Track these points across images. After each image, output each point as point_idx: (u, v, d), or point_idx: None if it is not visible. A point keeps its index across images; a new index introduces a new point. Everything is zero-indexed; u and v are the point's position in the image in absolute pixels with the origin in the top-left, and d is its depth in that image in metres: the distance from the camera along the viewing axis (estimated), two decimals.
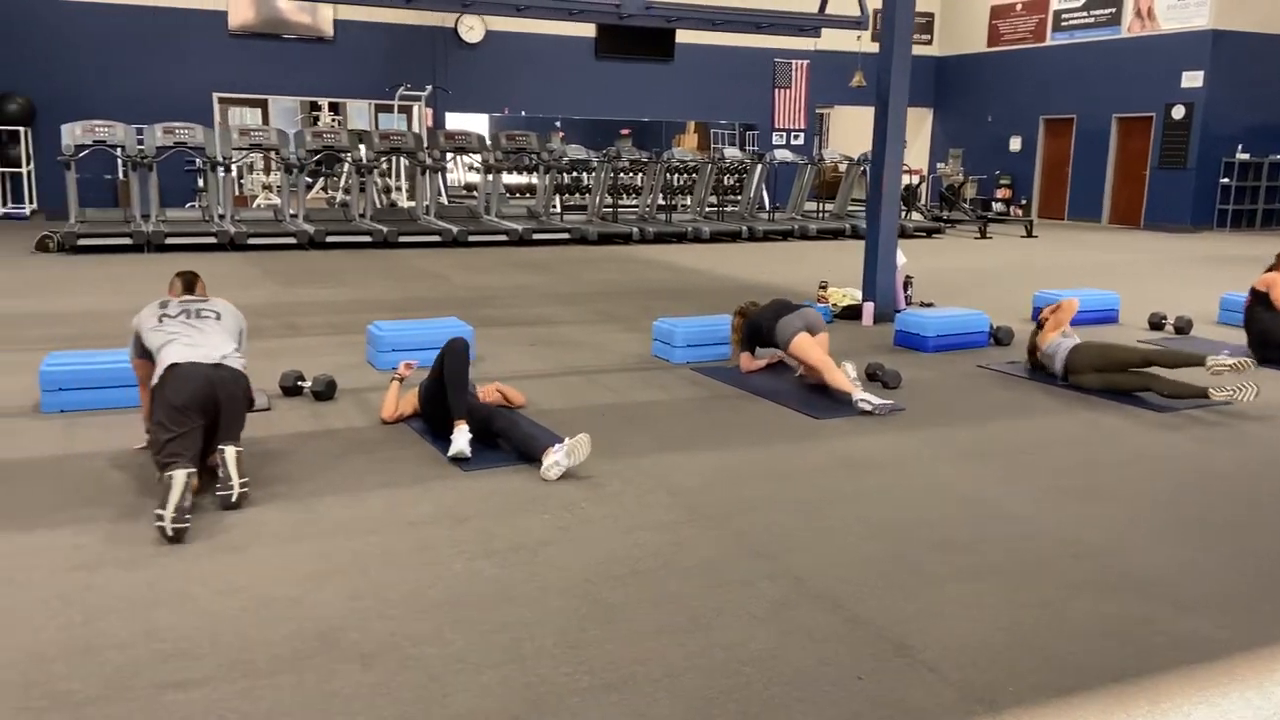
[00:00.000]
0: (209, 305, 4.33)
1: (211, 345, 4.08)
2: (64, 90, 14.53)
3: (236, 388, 4.06)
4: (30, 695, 2.54)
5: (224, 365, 4.04)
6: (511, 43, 17.35)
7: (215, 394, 3.94)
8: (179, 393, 3.87)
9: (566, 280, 10.44)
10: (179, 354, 3.98)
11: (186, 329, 4.13)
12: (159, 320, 4.17)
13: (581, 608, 3.12)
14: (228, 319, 4.31)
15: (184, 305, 4.27)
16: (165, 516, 3.49)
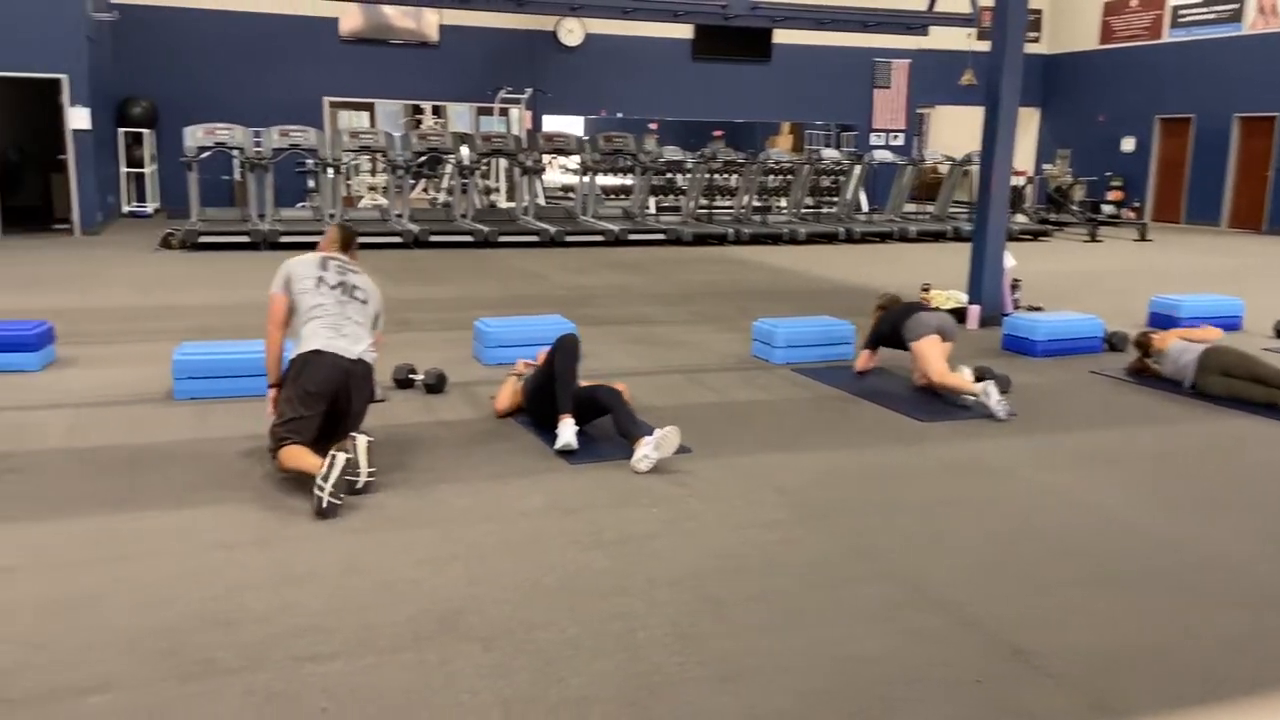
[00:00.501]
0: (360, 282, 4.42)
1: (354, 336, 4.26)
2: (186, 94, 15.20)
3: (365, 383, 4.29)
4: (178, 662, 2.70)
5: (361, 361, 4.25)
6: (610, 45, 17.51)
7: (348, 387, 4.18)
8: (314, 380, 4.10)
9: (663, 280, 10.50)
10: (323, 339, 4.18)
11: (337, 308, 4.26)
12: (316, 282, 4.29)
13: (691, 601, 3.16)
14: (372, 303, 4.45)
15: (341, 274, 4.37)
16: (324, 490, 3.68)
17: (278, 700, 2.53)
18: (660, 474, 4.33)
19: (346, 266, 4.47)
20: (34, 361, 5.85)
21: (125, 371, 5.89)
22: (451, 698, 2.56)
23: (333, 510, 3.69)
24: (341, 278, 4.38)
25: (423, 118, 17.78)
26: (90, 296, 8.58)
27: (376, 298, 4.51)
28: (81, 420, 4.97)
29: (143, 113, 15.11)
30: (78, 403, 5.27)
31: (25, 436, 4.67)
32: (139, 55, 15.17)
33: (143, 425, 4.90)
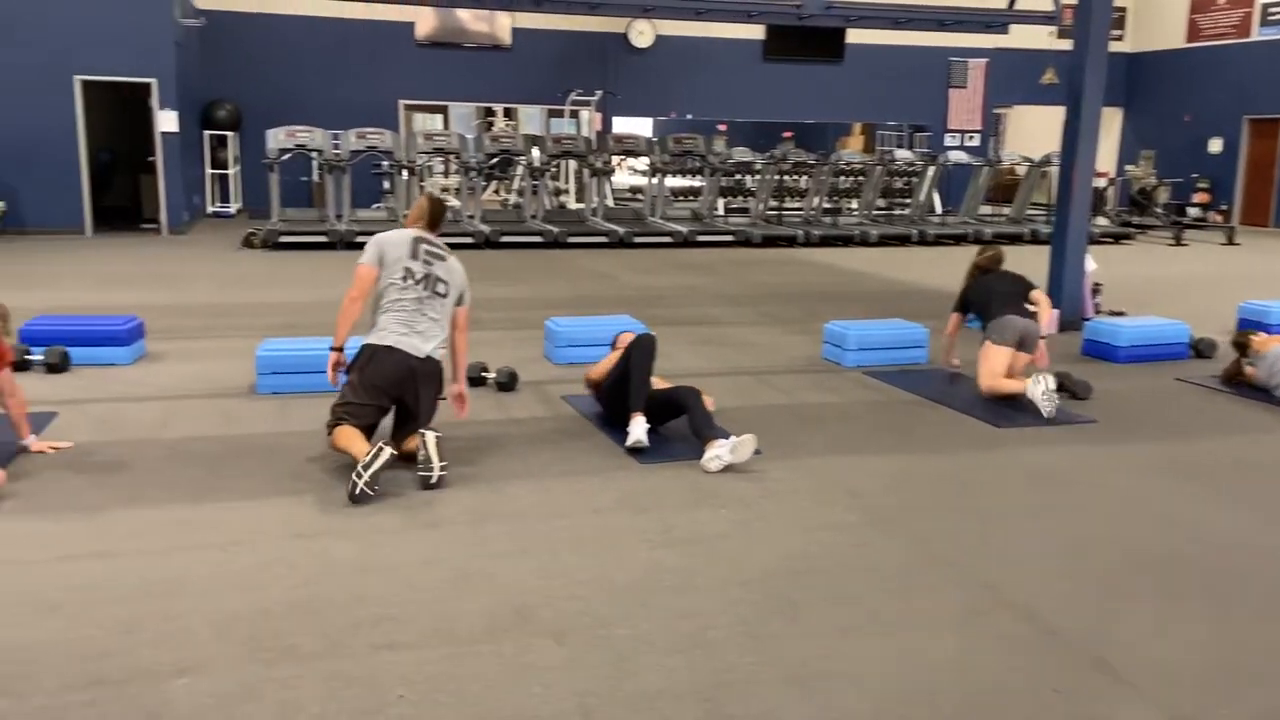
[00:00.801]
0: (443, 271, 4.41)
1: (426, 334, 4.32)
2: (268, 97, 15.61)
3: (433, 380, 4.36)
4: (261, 647, 2.77)
5: (429, 359, 4.32)
6: (680, 47, 17.52)
7: (415, 385, 4.29)
8: (380, 374, 4.22)
9: (731, 282, 10.46)
10: (395, 335, 4.26)
11: (415, 305, 4.30)
12: (404, 275, 4.30)
13: (763, 601, 3.14)
14: (453, 289, 4.44)
15: (428, 263, 4.37)
16: (361, 477, 3.81)
17: (356, 686, 2.58)
18: (731, 475, 4.31)
19: (434, 251, 4.44)
20: (125, 355, 6.06)
21: (210, 366, 6.07)
22: (526, 689, 2.59)
23: (364, 498, 3.81)
24: (428, 269, 4.37)
25: (494, 120, 18.00)
26: (177, 293, 8.87)
27: (459, 279, 4.50)
28: (169, 412, 5.13)
29: (227, 116, 15.56)
30: (166, 395, 5.45)
31: (117, 427, 4.84)
32: (224, 60, 15.63)
33: (227, 418, 5.04)
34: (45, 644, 2.74)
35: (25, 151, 12.53)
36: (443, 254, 4.50)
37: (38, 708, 2.45)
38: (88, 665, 2.64)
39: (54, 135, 12.70)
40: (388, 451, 3.90)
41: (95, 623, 2.87)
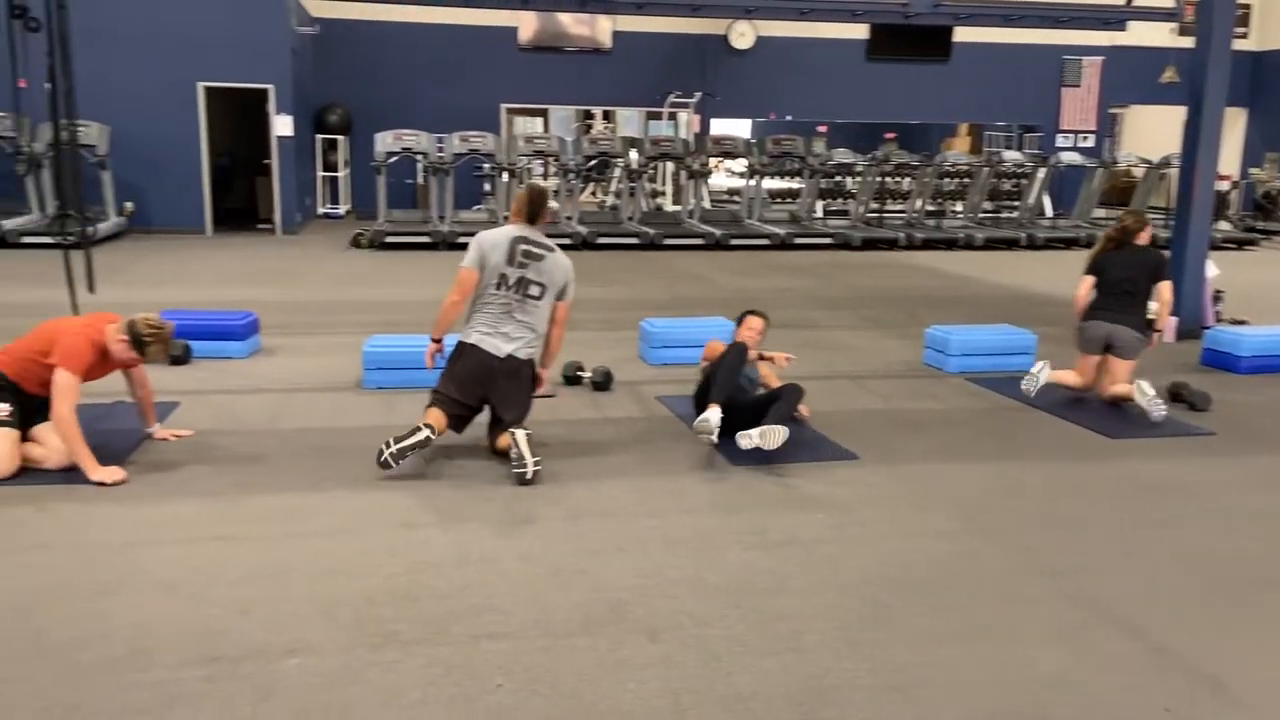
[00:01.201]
0: (539, 274, 4.44)
1: (509, 336, 4.41)
2: (377, 102, 16.08)
3: (514, 378, 4.42)
4: (365, 632, 2.86)
5: (511, 358, 4.41)
6: (781, 47, 17.39)
7: (495, 383, 4.41)
8: (464, 371, 4.42)
9: (829, 284, 10.34)
10: (479, 334, 4.42)
11: (503, 309, 4.40)
12: (499, 280, 4.39)
13: (860, 607, 3.10)
14: (549, 291, 4.48)
15: (524, 266, 4.42)
16: (390, 447, 4.10)
17: (456, 673, 2.65)
18: (827, 480, 4.27)
19: (532, 251, 4.45)
20: (241, 350, 6.33)
21: (319, 361, 6.29)
22: (620, 684, 2.61)
23: (386, 466, 4.10)
24: (521, 272, 4.43)
25: (593, 122, 18.18)
26: (289, 291, 9.21)
27: (558, 276, 4.50)
28: (281, 404, 5.34)
29: (338, 120, 16.09)
30: (278, 388, 5.67)
31: (234, 418, 5.06)
32: (336, 66, 16.16)
33: (335, 411, 5.22)
34: (168, 621, 2.89)
35: (153, 156, 13.18)
36: (541, 252, 4.48)
37: (159, 681, 2.58)
38: (206, 643, 2.77)
39: (179, 140, 13.34)
40: (424, 433, 4.15)
41: (213, 602, 3.01)
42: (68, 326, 4.17)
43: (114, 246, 11.61)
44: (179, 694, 2.52)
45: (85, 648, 2.72)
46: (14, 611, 2.92)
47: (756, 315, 5.07)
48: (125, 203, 13.01)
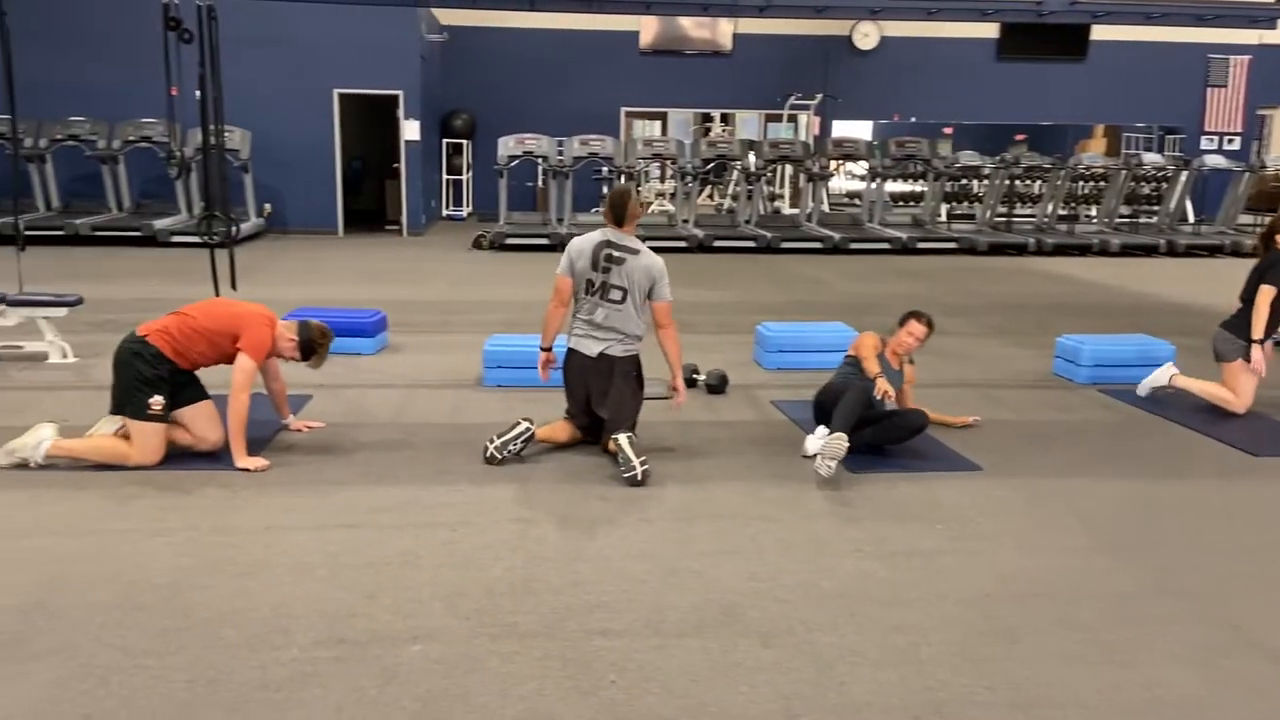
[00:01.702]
0: (620, 278, 4.52)
1: (598, 338, 4.56)
2: (500, 106, 16.47)
3: (607, 377, 4.54)
4: (484, 622, 2.95)
5: (603, 356, 4.54)
6: (906, 48, 17.04)
7: (593, 382, 4.57)
8: (568, 375, 4.67)
9: (953, 290, 10.08)
10: (576, 338, 4.63)
11: (589, 311, 4.57)
12: (587, 286, 4.54)
13: (980, 622, 3.02)
14: (633, 292, 4.54)
15: (606, 270, 4.52)
16: (493, 443, 4.35)
17: (571, 667, 2.70)
18: (949, 490, 4.18)
19: (615, 255, 4.53)
20: (370, 346, 6.58)
21: (442, 358, 6.49)
22: (732, 687, 2.62)
23: (492, 460, 4.33)
24: (605, 277, 4.53)
25: (711, 125, 18.17)
26: (414, 290, 9.52)
27: (641, 277, 4.54)
28: (406, 399, 5.53)
29: (463, 125, 16.54)
30: (403, 384, 5.87)
31: (362, 411, 5.26)
32: (462, 71, 16.62)
33: (456, 407, 5.37)
34: (302, 602, 3.03)
35: (291, 160, 13.82)
36: (623, 255, 4.53)
37: (292, 659, 2.71)
38: (335, 625, 2.90)
39: (315, 145, 13.94)
40: (523, 426, 4.40)
41: (343, 587, 3.15)
42: (249, 314, 4.37)
43: (253, 246, 12.22)
44: (311, 672, 2.64)
45: (228, 624, 2.89)
46: (166, 588, 3.11)
47: (921, 320, 4.88)
48: (264, 204, 13.68)
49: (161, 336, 4.26)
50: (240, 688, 2.56)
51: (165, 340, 4.26)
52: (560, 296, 4.62)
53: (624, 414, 4.54)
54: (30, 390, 5.49)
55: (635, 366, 4.64)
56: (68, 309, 6.26)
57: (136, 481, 4.04)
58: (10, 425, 4.78)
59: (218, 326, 4.30)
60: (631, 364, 4.61)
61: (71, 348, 6.18)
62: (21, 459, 4.17)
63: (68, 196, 13.36)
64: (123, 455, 4.20)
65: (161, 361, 4.23)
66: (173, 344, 4.26)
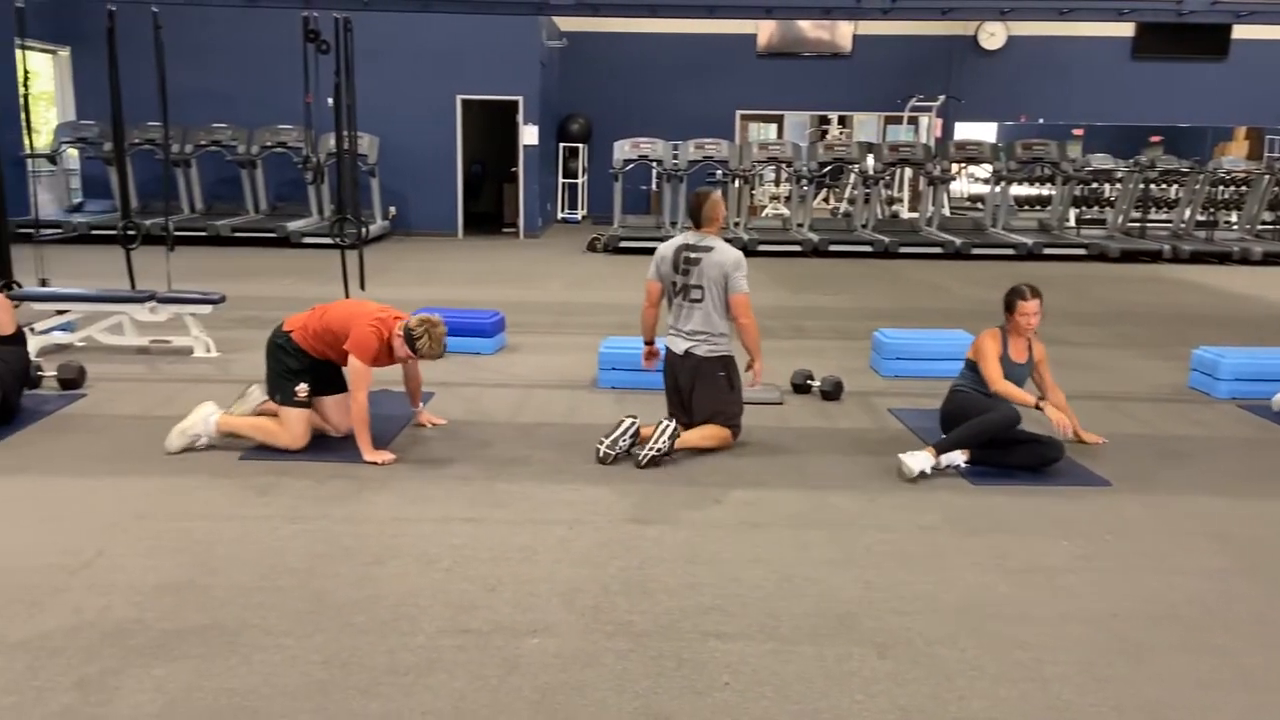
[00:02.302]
0: (696, 277, 4.61)
1: (686, 336, 4.70)
2: (616, 110, 16.66)
3: (697, 374, 4.66)
4: (600, 619, 3.00)
5: (688, 355, 4.68)
6: (1035, 47, 16.50)
7: (682, 380, 4.73)
8: (665, 373, 4.84)
9: (1081, 298, 9.72)
10: (669, 338, 4.80)
11: (676, 312, 4.74)
12: (672, 288, 4.72)
13: (1108, 642, 2.93)
14: (710, 290, 4.59)
15: (686, 273, 4.65)
16: (603, 444, 4.44)
17: (685, 668, 2.73)
18: (1076, 506, 4.05)
19: (691, 255, 4.64)
20: (489, 346, 6.76)
21: (558, 359, 6.62)
22: (847, 696, 2.60)
23: (605, 460, 4.42)
24: (685, 279, 4.66)
25: (829, 128, 17.97)
26: (531, 292, 9.72)
27: (715, 273, 4.58)
28: (523, 399, 5.66)
29: (579, 129, 16.79)
30: (520, 384, 6.01)
31: (481, 410, 5.41)
32: (579, 76, 16.87)
33: (572, 408, 5.47)
34: (427, 591, 3.15)
35: (415, 164, 14.29)
36: (699, 255, 4.64)
37: (419, 646, 2.82)
38: (459, 615, 3.00)
39: (438, 150, 14.39)
40: (628, 422, 4.50)
41: (466, 578, 3.26)
42: (362, 314, 4.56)
43: (379, 247, 12.67)
44: (436, 659, 2.75)
45: (358, 610, 3.02)
46: (302, 573, 3.28)
47: (1030, 295, 4.61)
48: (389, 207, 14.18)
49: (300, 332, 4.53)
50: (371, 671, 2.68)
51: (301, 335, 4.53)
52: (650, 299, 4.89)
53: (709, 414, 4.66)
54: (177, 383, 5.84)
55: (724, 367, 4.71)
56: (211, 306, 6.63)
57: (273, 472, 4.26)
58: (162, 415, 5.10)
59: (336, 326, 4.52)
60: (719, 364, 4.69)
61: (214, 343, 6.55)
62: (194, 435, 4.51)
63: (210, 199, 14.13)
64: (274, 435, 4.50)
65: (301, 354, 4.50)
66: (306, 339, 4.52)
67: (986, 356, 4.59)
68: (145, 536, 3.54)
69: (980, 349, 4.65)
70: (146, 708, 2.49)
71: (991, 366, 4.55)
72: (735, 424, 4.71)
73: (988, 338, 4.67)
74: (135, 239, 7.14)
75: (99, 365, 5.98)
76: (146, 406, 5.30)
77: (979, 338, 4.73)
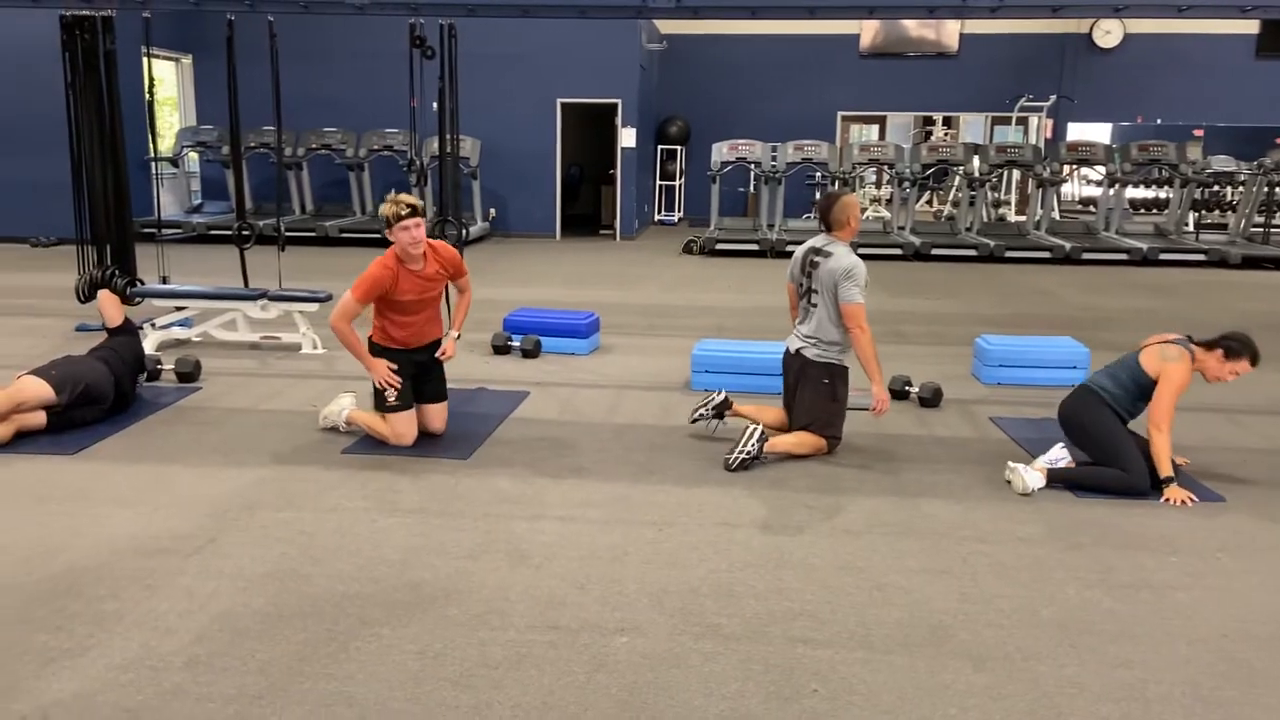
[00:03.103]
0: (816, 280, 4.58)
1: (800, 337, 4.72)
2: (714, 113, 16.62)
3: (803, 377, 4.66)
4: (689, 621, 3.01)
5: (799, 354, 4.70)
6: (1153, 45, 15.84)
7: (788, 378, 4.78)
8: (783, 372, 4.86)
9: (1199, 306, 9.29)
10: (791, 335, 4.84)
11: (801, 312, 4.78)
12: (800, 289, 4.75)
13: (1216, 663, 2.79)
14: (824, 294, 4.55)
15: (809, 276, 4.65)
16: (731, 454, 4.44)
17: (773, 673, 2.71)
18: (1185, 522, 3.88)
19: (815, 259, 4.61)
20: (584, 347, 6.83)
21: (652, 361, 6.64)
22: (940, 708, 2.55)
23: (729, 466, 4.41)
24: (809, 281, 4.66)
25: (933, 129, 17.59)
26: (626, 293, 9.78)
27: (828, 279, 4.52)
28: (616, 400, 5.70)
29: (677, 131, 16.82)
30: (614, 384, 6.05)
31: (574, 410, 5.47)
32: (677, 79, 16.90)
33: (664, 409, 5.49)
34: (517, 588, 3.20)
35: (516, 167, 14.53)
36: (819, 260, 4.60)
37: (509, 641, 2.87)
38: (548, 611, 3.04)
39: (537, 152, 14.60)
40: (757, 429, 4.50)
41: (555, 575, 3.30)
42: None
43: (479, 248, 12.93)
44: (525, 654, 2.79)
45: (451, 603, 3.09)
46: (398, 564, 3.37)
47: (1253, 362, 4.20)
48: (490, 209, 14.45)
49: (376, 333, 4.65)
50: (462, 663, 2.74)
51: (377, 332, 4.65)
52: (790, 301, 4.96)
53: (807, 420, 4.61)
54: (285, 378, 6.07)
55: (829, 374, 4.62)
56: (318, 304, 6.87)
57: (374, 466, 4.39)
58: (270, 408, 5.32)
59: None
60: (825, 370, 4.61)
61: (320, 340, 6.78)
62: (333, 424, 4.84)
63: (319, 201, 14.64)
64: (382, 431, 4.67)
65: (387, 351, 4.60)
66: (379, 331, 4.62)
67: (1172, 390, 4.10)
68: (253, 526, 3.69)
69: (1169, 375, 4.12)
70: (251, 689, 2.59)
71: (1169, 404, 4.10)
72: (832, 434, 4.63)
73: (1184, 368, 4.13)
74: (249, 239, 7.45)
75: (213, 360, 6.26)
76: (256, 400, 5.52)
77: (1173, 363, 4.14)
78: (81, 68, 7.02)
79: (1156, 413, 4.12)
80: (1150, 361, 4.21)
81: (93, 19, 6.94)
